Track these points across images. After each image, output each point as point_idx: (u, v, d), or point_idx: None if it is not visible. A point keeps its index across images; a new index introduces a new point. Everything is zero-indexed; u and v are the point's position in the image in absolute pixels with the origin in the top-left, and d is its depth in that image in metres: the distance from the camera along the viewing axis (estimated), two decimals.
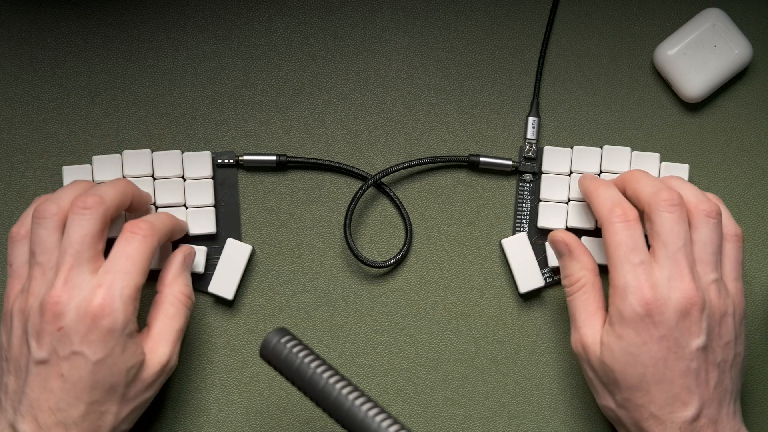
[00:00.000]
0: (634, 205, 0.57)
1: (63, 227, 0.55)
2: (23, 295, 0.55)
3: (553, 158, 0.63)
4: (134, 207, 0.59)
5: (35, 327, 0.53)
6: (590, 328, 0.56)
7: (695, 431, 0.53)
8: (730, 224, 0.57)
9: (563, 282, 0.59)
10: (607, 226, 0.55)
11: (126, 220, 0.60)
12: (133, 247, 0.55)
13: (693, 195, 0.57)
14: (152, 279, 0.60)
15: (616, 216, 0.55)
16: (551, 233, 0.60)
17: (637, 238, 0.55)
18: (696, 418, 0.53)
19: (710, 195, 0.58)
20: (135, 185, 0.59)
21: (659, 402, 0.53)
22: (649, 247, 0.56)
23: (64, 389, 0.53)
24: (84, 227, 0.54)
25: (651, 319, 0.53)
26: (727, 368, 0.55)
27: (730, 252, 0.57)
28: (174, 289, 0.58)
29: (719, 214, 0.56)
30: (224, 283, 0.62)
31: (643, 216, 0.56)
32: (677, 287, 0.53)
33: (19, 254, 0.57)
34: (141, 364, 0.55)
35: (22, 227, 0.57)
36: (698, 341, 0.53)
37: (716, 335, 0.54)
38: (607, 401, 0.56)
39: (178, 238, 0.62)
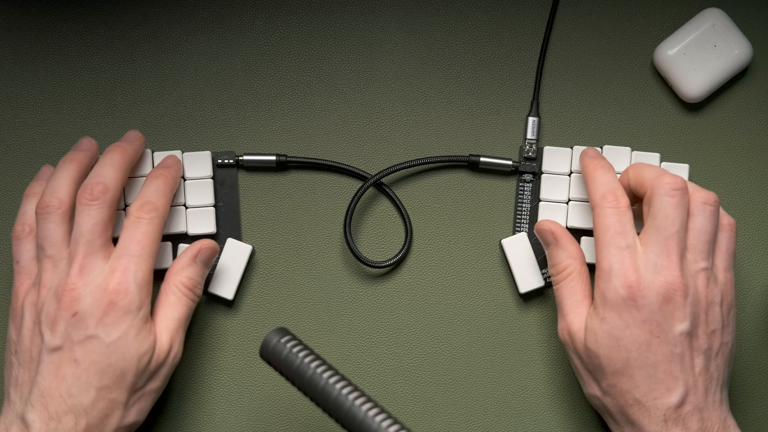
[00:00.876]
0: (639, 193, 0.57)
1: (68, 218, 0.56)
2: (34, 288, 0.56)
3: (553, 158, 0.63)
4: (133, 171, 0.61)
5: (50, 316, 0.54)
6: (576, 315, 0.56)
7: (680, 418, 0.53)
8: (723, 215, 0.58)
9: (550, 271, 0.59)
10: (597, 210, 0.56)
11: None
12: (141, 231, 0.56)
13: (690, 185, 0.57)
14: (158, 278, 0.60)
15: (608, 201, 0.55)
16: (537, 223, 0.60)
17: (626, 223, 0.55)
18: (681, 404, 0.53)
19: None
20: (129, 150, 0.59)
21: (643, 387, 0.53)
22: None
23: (75, 374, 0.53)
24: (93, 216, 0.55)
25: (634, 302, 0.53)
26: (712, 356, 0.55)
27: (723, 242, 0.57)
28: (177, 279, 0.58)
29: (717, 203, 0.56)
30: (224, 283, 0.62)
31: (643, 201, 0.56)
32: (661, 272, 0.54)
33: (25, 251, 0.58)
34: (152, 352, 0.55)
35: (25, 225, 0.58)
36: (681, 326, 0.53)
37: (702, 323, 0.54)
38: (593, 389, 0.56)
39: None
